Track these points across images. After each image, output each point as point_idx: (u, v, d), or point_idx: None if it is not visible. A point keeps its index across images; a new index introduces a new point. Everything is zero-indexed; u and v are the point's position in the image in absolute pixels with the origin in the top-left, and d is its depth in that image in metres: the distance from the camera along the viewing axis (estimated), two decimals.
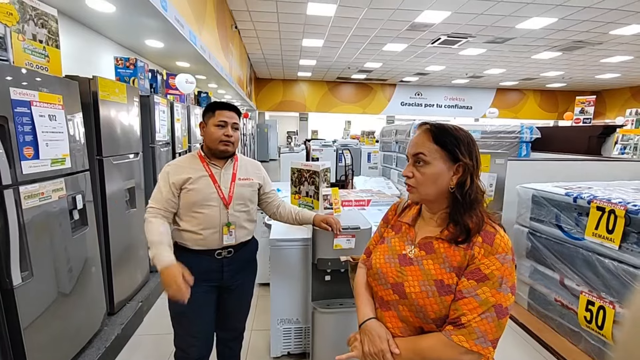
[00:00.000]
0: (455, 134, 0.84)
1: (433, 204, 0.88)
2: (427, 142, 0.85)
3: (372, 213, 2.56)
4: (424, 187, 0.85)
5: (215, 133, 1.37)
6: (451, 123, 0.89)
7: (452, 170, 0.83)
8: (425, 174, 0.84)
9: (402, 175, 0.88)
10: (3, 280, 1.34)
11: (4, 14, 1.49)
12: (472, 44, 7.73)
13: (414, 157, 0.86)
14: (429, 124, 0.87)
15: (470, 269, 0.79)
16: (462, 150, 0.82)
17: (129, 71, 2.80)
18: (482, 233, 0.80)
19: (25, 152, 1.42)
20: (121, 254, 2.30)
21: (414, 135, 0.89)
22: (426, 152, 0.84)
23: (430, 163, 0.84)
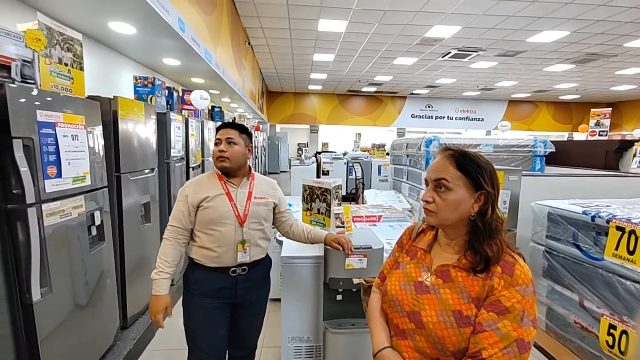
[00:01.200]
0: (478, 161, 0.85)
1: (451, 230, 0.88)
2: (450, 168, 0.84)
3: (383, 229, 2.54)
4: (444, 212, 0.84)
5: (214, 151, 1.44)
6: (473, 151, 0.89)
7: (474, 197, 0.83)
8: (446, 200, 0.84)
9: (422, 199, 0.88)
10: (23, 296, 1.38)
11: (33, 40, 1.57)
12: (483, 57, 7.73)
13: (435, 182, 0.86)
14: (452, 150, 0.87)
15: (490, 301, 0.77)
16: (485, 178, 0.83)
17: (147, 89, 2.91)
18: (501, 263, 0.79)
19: (49, 171, 1.48)
20: (135, 268, 2.34)
21: (434, 160, 0.89)
22: (449, 178, 0.84)
23: (452, 189, 0.83)
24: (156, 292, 1.34)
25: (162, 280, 1.35)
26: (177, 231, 1.40)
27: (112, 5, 2.27)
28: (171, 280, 1.39)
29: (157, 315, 1.33)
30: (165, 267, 1.36)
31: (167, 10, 2.48)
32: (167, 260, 1.37)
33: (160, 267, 1.35)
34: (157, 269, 1.36)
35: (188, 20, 3.04)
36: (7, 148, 1.30)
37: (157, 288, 1.34)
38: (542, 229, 2.38)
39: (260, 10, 5.43)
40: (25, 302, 1.38)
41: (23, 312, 1.39)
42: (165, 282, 1.36)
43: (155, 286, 1.34)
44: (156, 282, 1.34)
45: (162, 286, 1.35)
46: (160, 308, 1.33)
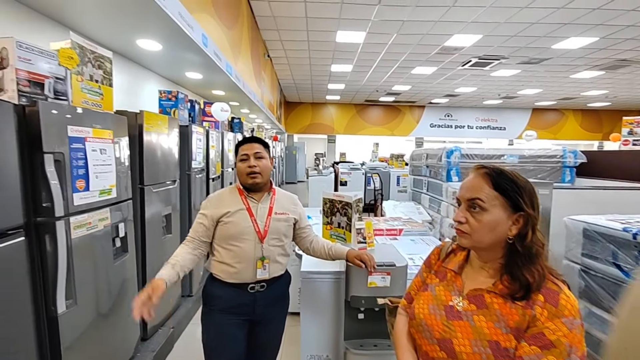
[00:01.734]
0: (517, 180, 0.79)
1: (486, 253, 0.82)
2: (486, 187, 0.79)
3: (404, 243, 2.47)
4: (478, 234, 0.79)
5: (241, 168, 1.42)
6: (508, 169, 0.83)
7: (512, 219, 0.78)
8: (481, 222, 0.78)
9: (454, 219, 0.83)
10: (49, 308, 1.40)
11: (66, 58, 1.64)
12: (505, 65, 7.55)
13: (468, 201, 0.81)
14: (487, 168, 0.82)
15: (532, 333, 0.71)
16: (524, 199, 0.77)
17: (171, 103, 2.98)
18: (543, 290, 0.73)
19: (78, 185, 1.52)
20: None
21: (467, 178, 0.85)
22: (484, 198, 0.78)
23: (488, 210, 0.78)
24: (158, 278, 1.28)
25: (162, 269, 1.30)
26: (194, 242, 1.40)
27: (141, 23, 2.36)
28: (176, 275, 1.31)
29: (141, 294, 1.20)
30: (171, 260, 1.33)
31: (192, 27, 2.55)
32: (176, 257, 1.34)
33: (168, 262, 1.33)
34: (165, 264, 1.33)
35: (211, 35, 3.12)
36: (39, 163, 1.35)
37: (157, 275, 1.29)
38: (577, 246, 2.24)
39: (280, 23, 5.53)
40: (51, 315, 1.40)
41: (48, 324, 1.41)
42: (166, 270, 1.29)
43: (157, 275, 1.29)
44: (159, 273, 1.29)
45: (160, 273, 1.29)
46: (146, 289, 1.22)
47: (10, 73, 1.41)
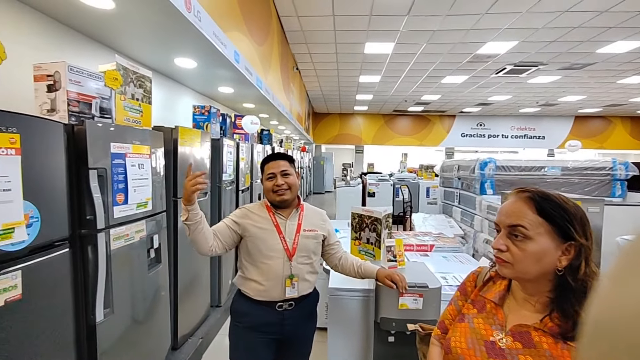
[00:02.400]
0: (565, 206, 0.72)
1: (531, 285, 0.75)
2: (529, 213, 0.73)
3: (436, 260, 2.37)
4: (522, 265, 0.72)
5: (268, 186, 1.42)
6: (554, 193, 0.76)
7: (561, 249, 0.70)
8: (525, 251, 0.72)
9: (493, 247, 0.77)
10: (88, 317, 1.46)
11: (111, 79, 1.75)
12: (544, 71, 7.18)
13: (509, 228, 0.75)
14: (530, 191, 0.75)
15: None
16: (575, 227, 0.70)
17: (204, 117, 3.10)
18: None
19: (118, 198, 1.60)
20: (187, 288, 2.42)
21: (506, 202, 0.79)
22: (527, 225, 0.72)
23: (532, 239, 0.71)
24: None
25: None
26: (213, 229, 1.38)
27: (179, 44, 2.49)
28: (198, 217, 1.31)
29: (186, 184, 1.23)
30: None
31: (225, 45, 2.65)
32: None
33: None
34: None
35: (242, 51, 3.23)
36: (84, 178, 1.43)
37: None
38: None
39: (309, 37, 5.63)
40: (90, 323, 1.47)
41: (87, 332, 1.47)
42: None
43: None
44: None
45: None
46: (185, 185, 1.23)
47: (62, 94, 1.52)
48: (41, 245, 1.21)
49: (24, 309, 1.13)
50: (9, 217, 1.07)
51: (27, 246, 1.15)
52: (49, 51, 2.04)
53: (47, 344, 1.25)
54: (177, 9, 1.84)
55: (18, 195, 1.10)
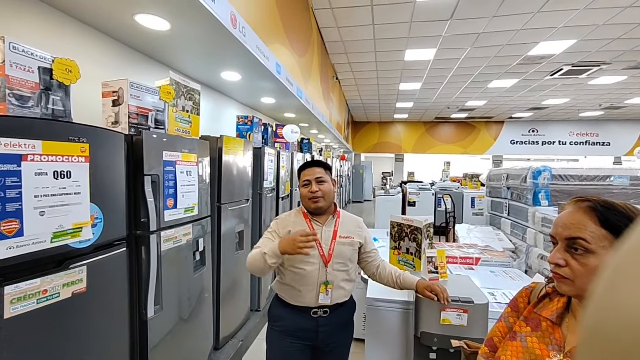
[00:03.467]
0: (632, 216, 0.64)
1: None
2: (590, 224, 0.66)
3: (483, 275, 2.22)
4: (583, 281, 0.66)
5: (303, 192, 1.43)
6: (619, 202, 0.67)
7: None
8: (587, 266, 0.65)
9: (549, 262, 0.71)
10: (141, 313, 1.58)
11: (165, 93, 1.90)
12: (607, 71, 6.54)
13: (567, 240, 0.69)
14: (590, 200, 0.68)
15: None
16: None
17: (247, 127, 3.24)
18: None
19: (168, 203, 1.72)
20: (228, 291, 2.51)
21: (563, 212, 0.72)
22: (589, 238, 0.65)
23: (594, 253, 0.65)
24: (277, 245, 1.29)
25: (271, 244, 1.31)
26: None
27: (225, 58, 2.65)
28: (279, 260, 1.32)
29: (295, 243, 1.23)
30: (264, 248, 1.33)
31: (267, 57, 2.77)
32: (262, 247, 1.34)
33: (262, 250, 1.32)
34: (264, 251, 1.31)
35: (284, 63, 3.34)
36: (140, 183, 1.56)
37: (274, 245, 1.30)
38: None
39: (348, 47, 5.69)
40: (142, 318, 1.58)
41: (139, 327, 1.59)
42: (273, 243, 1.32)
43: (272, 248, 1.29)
44: (271, 248, 1.29)
45: (274, 243, 1.31)
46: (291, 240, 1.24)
47: (124, 108, 1.68)
48: (103, 244, 1.33)
49: (88, 301, 1.25)
50: (78, 218, 1.20)
51: (92, 244, 1.27)
52: (113, 69, 2.27)
53: (105, 334, 1.36)
54: (224, 25, 1.97)
55: (86, 198, 1.23)
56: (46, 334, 1.11)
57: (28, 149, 1.05)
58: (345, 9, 4.36)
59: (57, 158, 1.13)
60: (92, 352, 1.30)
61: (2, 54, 1.08)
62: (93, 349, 1.31)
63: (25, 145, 1.04)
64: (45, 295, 1.09)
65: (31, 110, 1.17)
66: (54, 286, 1.12)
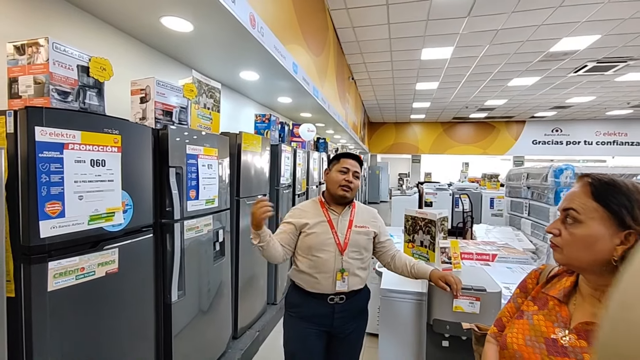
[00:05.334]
0: (627, 192, 0.67)
1: (591, 276, 0.71)
2: (583, 197, 0.70)
3: (499, 271, 2.21)
4: (570, 249, 0.70)
5: (337, 177, 1.47)
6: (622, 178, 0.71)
7: (619, 237, 0.65)
8: (573, 235, 0.69)
9: (546, 230, 0.75)
10: (166, 297, 1.67)
11: (188, 91, 2.01)
12: (635, 67, 6.27)
13: (563, 212, 0.73)
14: (590, 176, 0.72)
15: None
16: (635, 214, 0.65)
17: (264, 125, 3.34)
18: None
19: (191, 194, 1.81)
20: (246, 283, 2.59)
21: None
22: (578, 209, 0.70)
23: (582, 222, 0.69)
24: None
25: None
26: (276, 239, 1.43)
27: (244, 58, 2.75)
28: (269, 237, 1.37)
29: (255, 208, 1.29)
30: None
31: (284, 57, 2.85)
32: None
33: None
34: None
35: (300, 63, 3.42)
36: (165, 175, 1.66)
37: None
38: None
39: (364, 47, 5.72)
40: (167, 302, 1.67)
41: (164, 310, 1.68)
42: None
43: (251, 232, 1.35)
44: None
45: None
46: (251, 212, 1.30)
47: (151, 105, 1.79)
48: (133, 229, 1.43)
49: (119, 280, 1.35)
50: (112, 203, 1.30)
51: (123, 229, 1.37)
52: (140, 70, 2.41)
53: (134, 312, 1.46)
54: (244, 26, 2.05)
55: (118, 185, 1.33)
56: (84, 308, 1.22)
57: (69, 138, 1.15)
58: (361, 9, 4.41)
59: (94, 147, 1.24)
60: (122, 329, 1.40)
61: (46, 53, 1.20)
62: (123, 326, 1.40)
63: (66, 135, 1.14)
64: (83, 272, 1.19)
65: (70, 105, 1.28)
66: (90, 265, 1.22)
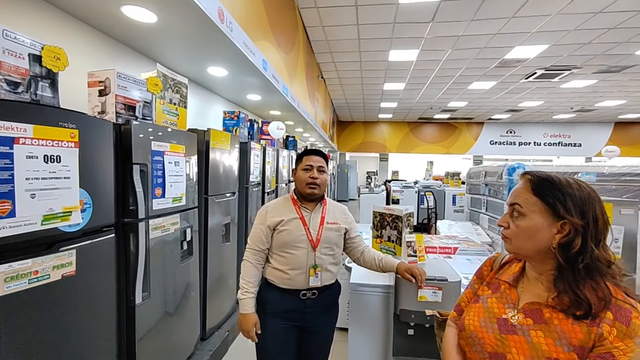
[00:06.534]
0: (561, 187, 0.75)
1: (535, 263, 0.79)
2: (525, 192, 0.79)
3: (459, 263, 2.34)
4: (518, 240, 0.79)
5: (302, 176, 1.49)
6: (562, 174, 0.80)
7: (556, 227, 0.74)
8: (519, 227, 0.78)
9: (497, 224, 0.83)
10: (128, 299, 1.60)
11: (152, 85, 1.93)
12: (578, 75, 6.89)
13: (511, 207, 0.81)
14: (530, 174, 0.80)
15: (599, 352, 0.65)
16: (567, 206, 0.73)
17: (233, 122, 3.28)
18: (612, 308, 0.67)
19: (156, 192, 1.74)
20: (215, 283, 2.54)
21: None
22: (522, 204, 0.78)
23: (525, 215, 0.77)
24: (244, 311, 1.41)
25: (248, 299, 1.42)
26: (255, 253, 1.48)
27: (212, 53, 2.68)
28: (255, 299, 1.46)
29: (250, 332, 1.41)
30: (249, 287, 1.44)
31: (254, 53, 2.82)
32: (250, 281, 1.45)
33: (245, 288, 1.44)
34: (242, 289, 1.44)
35: (270, 60, 3.40)
36: (128, 172, 1.59)
37: (245, 307, 1.42)
38: None
39: (333, 46, 5.78)
40: (130, 305, 1.60)
41: (127, 313, 1.61)
42: (251, 301, 1.43)
43: (243, 305, 1.42)
44: (243, 302, 1.42)
45: (249, 305, 1.42)
46: (250, 326, 1.41)
47: (111, 98, 1.70)
48: (92, 229, 1.36)
49: (77, 284, 1.27)
50: (68, 202, 1.22)
51: (81, 229, 1.30)
52: (99, 62, 2.27)
53: (93, 317, 1.39)
54: (212, 19, 2.01)
55: (75, 183, 1.26)
56: (38, 313, 1.14)
57: (20, 132, 1.07)
58: (331, 9, 4.45)
59: (48, 142, 1.16)
60: (81, 334, 1.32)
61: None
62: (82, 331, 1.33)
63: (17, 128, 1.06)
64: (37, 276, 1.12)
65: (21, 96, 1.19)
66: (44, 267, 1.14)
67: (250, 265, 1.47)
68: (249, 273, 1.46)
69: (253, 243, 1.49)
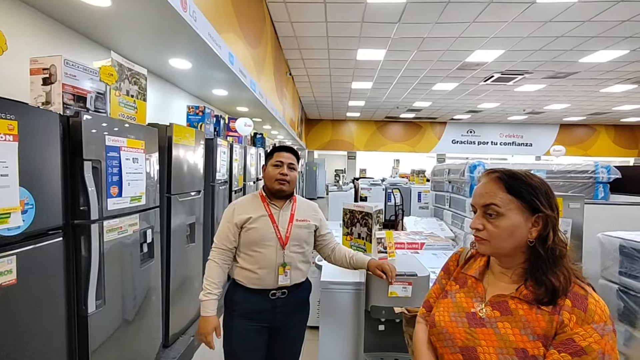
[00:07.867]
0: (531, 182, 0.77)
1: (507, 259, 0.80)
2: (500, 192, 0.78)
3: (426, 257, 2.42)
4: (498, 240, 0.78)
5: (272, 172, 1.44)
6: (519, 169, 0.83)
7: (531, 222, 0.76)
8: (499, 227, 0.77)
9: (470, 227, 0.82)
10: (80, 307, 1.46)
11: (106, 75, 1.78)
12: (530, 80, 7.41)
13: (484, 207, 0.80)
14: (498, 172, 0.81)
15: (561, 339, 0.68)
16: (541, 200, 0.75)
17: (198, 117, 3.13)
18: (570, 295, 0.70)
19: (112, 191, 1.61)
20: (179, 286, 2.42)
21: (479, 184, 0.84)
22: (499, 203, 0.77)
23: (504, 215, 0.77)
24: (205, 313, 1.35)
25: (210, 301, 1.36)
26: (222, 252, 1.42)
27: (174, 44, 2.53)
28: (218, 301, 1.39)
29: (207, 336, 1.34)
30: (212, 288, 1.37)
31: (220, 46, 2.70)
32: (214, 282, 1.38)
33: (207, 289, 1.37)
34: (204, 290, 1.37)
35: (237, 54, 3.28)
36: (78, 169, 1.45)
37: (206, 309, 1.35)
38: (614, 264, 2.11)
39: (302, 43, 5.73)
40: (82, 314, 1.47)
41: (78, 323, 1.47)
42: (214, 304, 1.37)
43: (204, 307, 1.35)
44: (205, 304, 1.35)
45: (210, 307, 1.36)
46: (209, 329, 1.34)
47: (57, 87, 1.54)
48: (35, 233, 1.22)
49: (18, 293, 1.14)
50: (6, 202, 1.08)
51: (22, 232, 1.16)
52: (45, 48, 2.06)
53: (38, 329, 1.25)
54: (173, 7, 1.89)
55: (15, 181, 1.12)
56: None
57: None
58: (299, 4, 4.40)
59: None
60: (26, 348, 1.18)
61: None
62: (28, 346, 1.19)
63: None
64: None
65: None
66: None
67: (215, 265, 1.41)
68: (213, 274, 1.39)
69: (219, 242, 1.42)
